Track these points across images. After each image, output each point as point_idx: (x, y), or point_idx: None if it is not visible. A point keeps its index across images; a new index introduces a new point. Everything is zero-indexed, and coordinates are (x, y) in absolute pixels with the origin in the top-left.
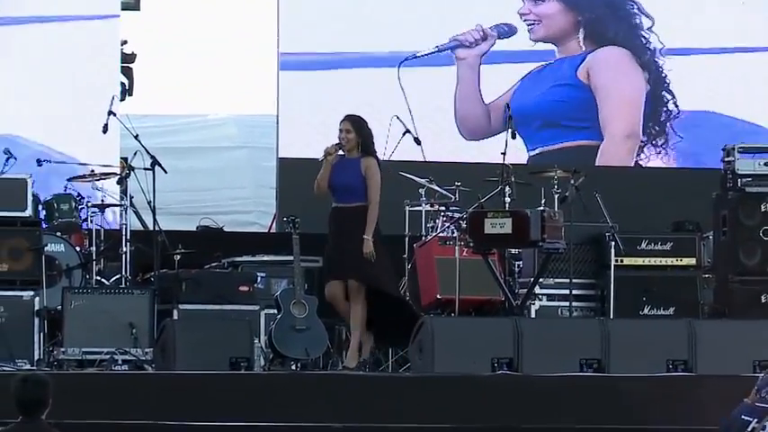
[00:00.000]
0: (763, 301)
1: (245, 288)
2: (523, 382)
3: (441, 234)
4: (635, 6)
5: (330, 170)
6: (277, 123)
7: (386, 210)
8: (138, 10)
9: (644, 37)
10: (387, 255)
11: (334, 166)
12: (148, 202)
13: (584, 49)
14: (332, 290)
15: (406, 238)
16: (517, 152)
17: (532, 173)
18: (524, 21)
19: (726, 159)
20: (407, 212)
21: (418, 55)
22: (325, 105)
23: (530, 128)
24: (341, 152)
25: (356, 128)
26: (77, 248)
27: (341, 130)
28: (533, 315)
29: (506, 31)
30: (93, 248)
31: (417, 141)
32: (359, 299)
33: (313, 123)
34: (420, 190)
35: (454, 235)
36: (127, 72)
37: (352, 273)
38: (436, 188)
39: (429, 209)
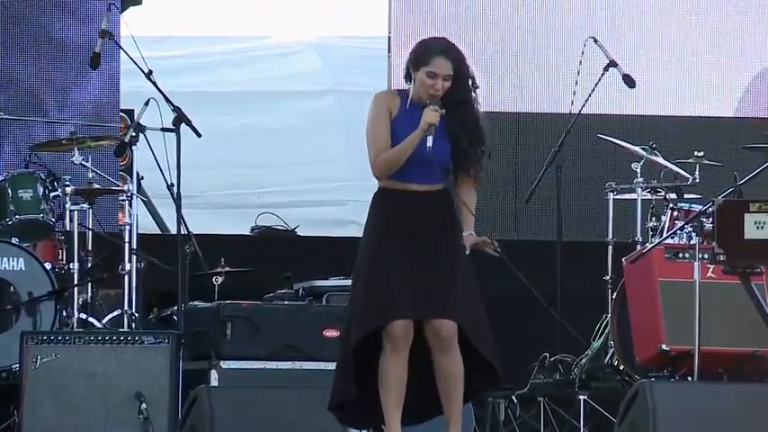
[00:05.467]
0: None
1: (332, 333)
2: None
3: (669, 241)
4: None
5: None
6: (389, 52)
7: (572, 200)
8: None
9: None
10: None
11: (399, 126)
12: (169, 187)
13: None
14: (406, 331)
15: (609, 248)
16: None
17: None
18: None
19: None
20: (611, 203)
21: None
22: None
23: None
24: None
25: (460, 73)
26: (48, 265)
27: (434, 75)
28: None
29: None
30: (76, 266)
31: (629, 82)
32: (455, 344)
33: None
34: (634, 165)
35: (692, 242)
36: None
37: (450, 313)
38: (662, 161)
39: (649, 197)
